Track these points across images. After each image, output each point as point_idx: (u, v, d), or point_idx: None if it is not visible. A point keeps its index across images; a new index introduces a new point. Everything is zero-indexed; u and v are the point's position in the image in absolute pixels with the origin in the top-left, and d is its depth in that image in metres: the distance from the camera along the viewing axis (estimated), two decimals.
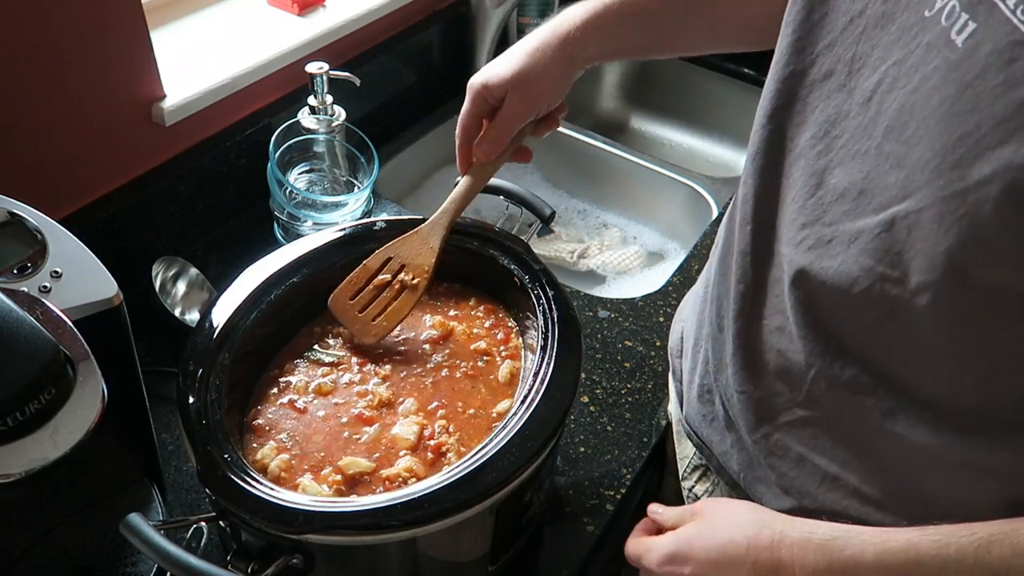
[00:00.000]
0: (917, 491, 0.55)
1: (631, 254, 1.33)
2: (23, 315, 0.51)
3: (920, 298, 0.47)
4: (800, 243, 0.55)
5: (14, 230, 0.61)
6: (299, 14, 1.15)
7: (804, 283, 0.55)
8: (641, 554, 0.64)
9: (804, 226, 0.55)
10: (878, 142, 0.49)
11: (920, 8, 0.46)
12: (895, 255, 0.48)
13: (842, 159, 0.52)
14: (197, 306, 0.98)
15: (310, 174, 1.11)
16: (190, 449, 0.63)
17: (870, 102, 0.50)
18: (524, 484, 0.65)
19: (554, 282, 0.78)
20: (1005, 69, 0.40)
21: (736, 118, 1.62)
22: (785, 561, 0.54)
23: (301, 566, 0.61)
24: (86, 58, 0.87)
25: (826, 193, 0.53)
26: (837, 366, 0.55)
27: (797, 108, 0.57)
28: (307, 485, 0.66)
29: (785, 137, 0.58)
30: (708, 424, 0.72)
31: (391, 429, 0.70)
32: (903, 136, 0.46)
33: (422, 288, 0.76)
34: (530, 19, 1.49)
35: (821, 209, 0.53)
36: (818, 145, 0.54)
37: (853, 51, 0.52)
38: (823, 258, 0.53)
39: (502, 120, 0.73)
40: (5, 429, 0.49)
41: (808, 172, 0.55)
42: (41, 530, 0.70)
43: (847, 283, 0.51)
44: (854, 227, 0.51)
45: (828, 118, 0.54)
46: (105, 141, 0.94)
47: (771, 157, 0.59)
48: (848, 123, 0.52)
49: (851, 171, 0.51)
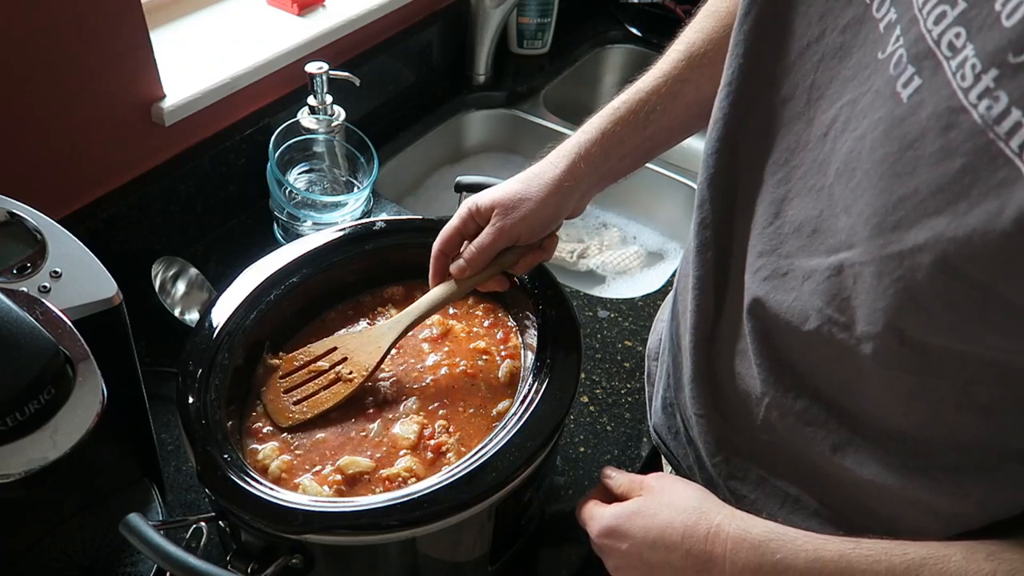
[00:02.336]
0: (875, 516, 0.55)
1: (631, 254, 1.33)
2: (23, 315, 0.51)
3: (864, 347, 0.47)
4: (757, 271, 0.54)
5: (14, 230, 0.61)
6: (299, 14, 1.15)
7: (760, 312, 0.55)
8: (586, 521, 0.65)
9: (761, 254, 0.54)
10: (830, 181, 0.48)
11: (875, 48, 0.45)
12: (843, 300, 0.47)
13: (799, 191, 0.51)
14: (197, 306, 0.98)
15: (310, 174, 1.11)
16: (190, 449, 0.63)
17: (826, 137, 0.49)
18: (524, 484, 0.65)
19: (553, 282, 0.78)
20: (942, 136, 0.39)
21: None
22: (717, 556, 0.54)
23: (301, 566, 0.61)
24: (86, 58, 0.87)
25: (783, 224, 0.52)
26: (790, 397, 0.55)
27: (754, 129, 0.55)
28: (307, 485, 0.66)
29: (740, 160, 0.57)
30: (673, 437, 0.72)
31: (392, 428, 0.70)
32: (850, 184, 0.45)
33: (356, 385, 0.72)
34: (530, 19, 1.49)
35: (779, 239, 0.53)
36: (779, 172, 0.53)
37: (812, 79, 0.50)
38: (778, 291, 0.52)
39: (482, 240, 0.71)
40: (5, 429, 0.49)
41: (768, 199, 0.54)
42: (41, 530, 0.70)
43: (800, 320, 0.51)
44: (808, 265, 0.50)
45: (788, 145, 0.52)
46: (105, 141, 0.94)
47: (727, 180, 0.58)
48: (807, 154, 0.51)
49: (807, 206, 0.50)
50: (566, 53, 1.57)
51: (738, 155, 0.57)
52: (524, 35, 1.52)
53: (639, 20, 1.66)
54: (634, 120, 0.70)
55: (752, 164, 0.56)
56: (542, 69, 1.53)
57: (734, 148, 0.57)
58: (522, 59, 1.54)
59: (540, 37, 1.53)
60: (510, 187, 0.71)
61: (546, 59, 1.55)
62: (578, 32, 1.62)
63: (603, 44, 1.64)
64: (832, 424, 0.53)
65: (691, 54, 0.70)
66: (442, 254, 0.73)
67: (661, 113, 0.70)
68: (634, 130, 0.70)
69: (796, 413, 0.55)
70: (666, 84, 0.70)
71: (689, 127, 0.73)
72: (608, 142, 0.70)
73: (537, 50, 1.54)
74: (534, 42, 1.53)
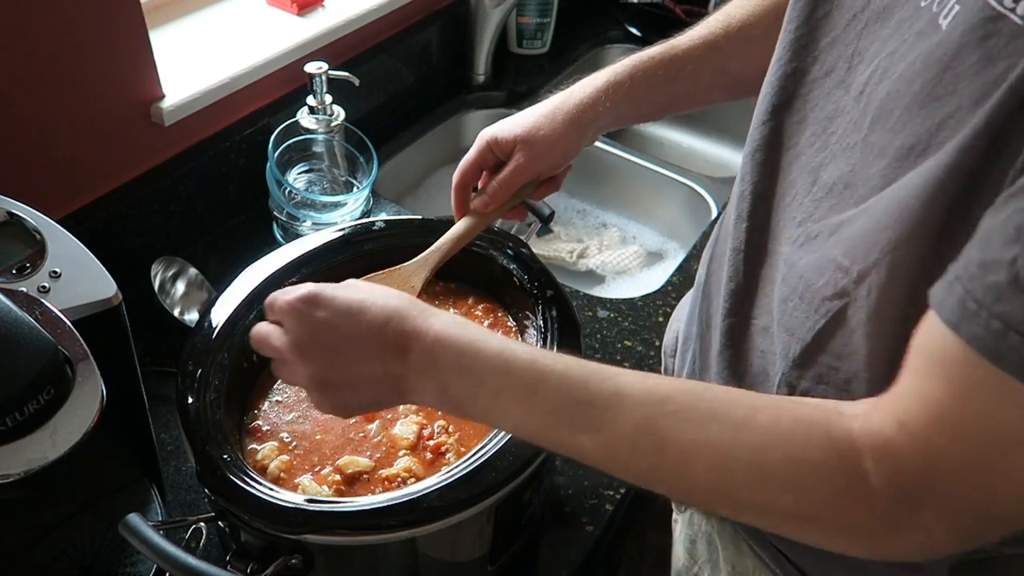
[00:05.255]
0: None
1: (630, 254, 1.33)
2: (22, 315, 0.51)
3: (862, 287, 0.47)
4: (795, 240, 0.55)
5: (13, 230, 0.61)
6: (298, 14, 1.15)
7: (791, 279, 0.55)
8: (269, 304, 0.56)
9: (800, 223, 0.55)
10: (864, 134, 0.49)
11: None
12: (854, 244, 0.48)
13: (834, 155, 0.52)
14: (196, 306, 0.98)
15: (309, 174, 1.11)
16: (189, 449, 0.63)
17: (862, 95, 0.50)
18: (523, 484, 0.65)
19: (553, 282, 0.78)
20: (980, 46, 0.40)
21: (735, 118, 1.61)
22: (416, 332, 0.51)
23: (300, 566, 0.61)
24: (85, 58, 0.87)
25: (819, 189, 0.53)
26: (794, 375, 0.56)
27: (797, 106, 0.57)
28: (306, 485, 0.66)
29: (784, 135, 0.58)
30: None
31: (391, 428, 0.70)
32: (888, 124, 0.46)
33: None
34: (529, 19, 1.49)
35: (814, 206, 0.54)
36: (816, 142, 0.55)
37: (854, 47, 0.52)
38: (808, 253, 0.53)
39: (505, 175, 0.73)
40: (4, 429, 0.49)
41: (806, 169, 0.55)
42: (41, 530, 0.70)
43: (816, 275, 0.51)
44: (836, 220, 0.51)
45: (827, 115, 0.54)
46: (104, 141, 0.94)
47: (770, 154, 0.59)
48: (843, 119, 0.52)
49: (840, 166, 0.51)
50: (566, 53, 1.57)
51: (781, 129, 0.58)
52: (524, 35, 1.52)
53: (639, 20, 1.66)
54: (664, 76, 0.72)
55: (793, 137, 0.57)
56: (542, 69, 1.53)
57: (779, 122, 0.59)
58: (522, 59, 1.54)
59: (540, 37, 1.53)
60: (531, 121, 0.72)
61: (546, 59, 1.55)
62: (578, 32, 1.62)
63: (603, 44, 1.64)
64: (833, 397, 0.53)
65: (729, 26, 0.72)
66: (462, 187, 0.75)
67: (690, 75, 0.72)
68: (661, 85, 0.73)
69: (801, 392, 0.55)
70: (700, 49, 0.72)
71: (710, 96, 0.76)
72: (635, 90, 0.72)
73: (537, 50, 1.54)
74: (534, 42, 1.53)
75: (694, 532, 0.76)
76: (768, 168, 0.59)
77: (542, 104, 0.74)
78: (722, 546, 0.72)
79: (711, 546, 0.74)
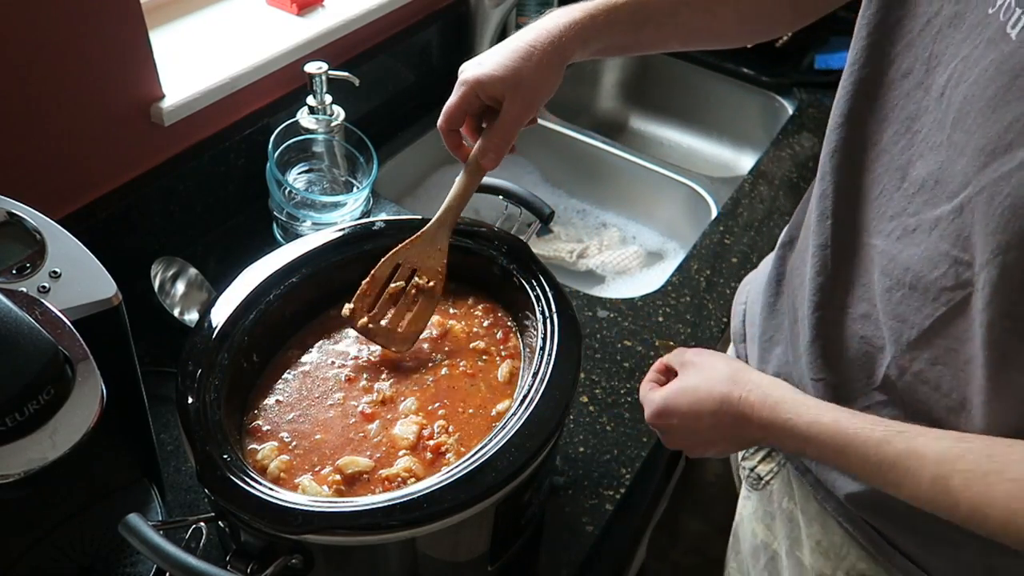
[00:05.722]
0: None
1: (630, 254, 1.33)
2: (22, 315, 0.51)
3: (979, 285, 0.50)
4: (890, 234, 0.59)
5: (13, 230, 0.61)
6: (298, 14, 1.15)
7: (893, 271, 0.59)
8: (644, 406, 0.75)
9: (892, 217, 0.59)
10: (948, 133, 0.52)
11: (985, 6, 0.50)
12: (965, 239, 0.52)
13: (922, 152, 0.56)
14: (196, 306, 0.98)
15: (309, 174, 1.11)
16: (189, 449, 0.63)
17: (943, 96, 0.53)
18: (524, 484, 0.65)
19: (553, 282, 0.78)
20: None
21: (735, 118, 1.62)
22: (747, 414, 0.65)
23: (300, 566, 0.61)
24: (85, 58, 0.87)
25: (909, 185, 0.57)
26: (907, 357, 0.59)
27: (876, 106, 0.60)
28: (306, 485, 0.66)
29: (866, 134, 0.61)
30: None
31: (391, 428, 0.70)
32: (965, 126, 0.50)
33: (439, 291, 0.77)
34: (528, 19, 1.49)
35: (906, 200, 0.57)
36: (901, 140, 0.58)
37: (930, 50, 0.55)
38: (910, 246, 0.57)
39: (505, 126, 0.75)
40: (4, 429, 0.49)
41: (893, 166, 0.59)
42: (41, 530, 0.70)
43: (929, 268, 0.55)
44: (933, 215, 0.54)
45: (909, 115, 0.57)
46: (104, 141, 0.94)
47: (850, 154, 0.63)
48: (927, 118, 0.56)
49: (929, 163, 0.55)
50: None
51: (862, 130, 0.62)
52: None
53: None
54: (629, 21, 0.75)
55: (875, 136, 0.61)
56: None
57: (858, 123, 0.62)
58: None
59: None
60: (512, 64, 0.73)
61: None
62: None
63: None
64: (944, 387, 0.57)
65: None
66: (451, 130, 0.78)
67: (655, 25, 0.76)
68: (627, 30, 0.76)
69: (913, 373, 0.59)
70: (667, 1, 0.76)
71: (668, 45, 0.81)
72: (604, 31, 0.75)
73: None
74: None
75: (773, 509, 0.78)
76: (850, 167, 0.63)
77: (515, 40, 0.74)
78: (805, 523, 0.74)
79: (792, 523, 0.76)
